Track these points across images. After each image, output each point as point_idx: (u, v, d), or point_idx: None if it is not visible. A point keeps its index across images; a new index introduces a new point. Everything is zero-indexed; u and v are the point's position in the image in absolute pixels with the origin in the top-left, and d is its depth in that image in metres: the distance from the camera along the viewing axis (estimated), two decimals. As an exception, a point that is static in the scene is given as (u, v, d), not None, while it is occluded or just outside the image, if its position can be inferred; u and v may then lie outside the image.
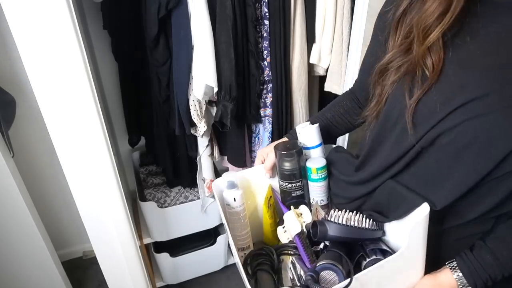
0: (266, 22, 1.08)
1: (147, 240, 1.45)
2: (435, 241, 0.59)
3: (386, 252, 0.61)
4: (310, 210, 0.72)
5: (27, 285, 1.29)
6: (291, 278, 0.68)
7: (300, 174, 0.73)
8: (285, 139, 0.81)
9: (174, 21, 1.00)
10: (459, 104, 0.50)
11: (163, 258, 1.46)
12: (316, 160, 0.73)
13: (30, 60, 0.72)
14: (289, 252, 0.70)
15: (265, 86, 1.18)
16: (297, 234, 0.66)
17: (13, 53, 1.25)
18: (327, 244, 0.65)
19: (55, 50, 0.72)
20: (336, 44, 1.18)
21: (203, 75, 1.01)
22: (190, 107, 1.09)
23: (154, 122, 1.26)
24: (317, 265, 0.58)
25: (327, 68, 1.23)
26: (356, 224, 0.61)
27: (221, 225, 1.56)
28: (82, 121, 0.80)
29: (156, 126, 1.26)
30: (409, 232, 0.53)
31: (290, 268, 0.69)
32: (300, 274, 0.65)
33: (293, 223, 0.68)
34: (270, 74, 1.15)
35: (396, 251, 0.56)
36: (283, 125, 1.24)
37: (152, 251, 1.48)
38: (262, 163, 0.79)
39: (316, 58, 1.20)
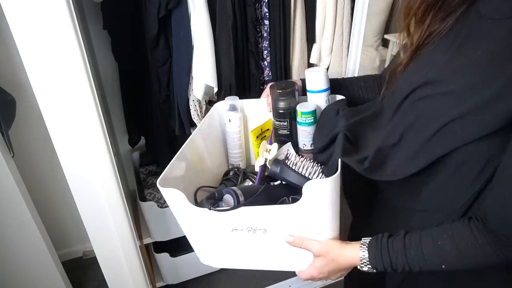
0: (266, 22, 1.08)
1: (147, 240, 1.45)
2: (397, 223, 0.61)
3: None
4: (297, 152, 0.76)
5: (27, 285, 1.29)
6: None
7: (290, 114, 0.75)
8: (298, 80, 0.83)
9: (174, 21, 1.00)
10: (418, 84, 0.53)
11: (163, 258, 1.46)
12: (307, 105, 0.74)
13: (30, 60, 0.72)
14: (251, 178, 0.77)
15: (265, 86, 1.18)
16: (260, 166, 0.72)
17: (13, 53, 1.25)
18: (283, 182, 0.69)
19: (55, 50, 0.72)
20: (336, 44, 1.18)
21: (203, 75, 1.01)
22: (190, 107, 1.09)
23: (154, 122, 1.26)
24: (226, 189, 0.64)
25: (327, 68, 1.23)
26: (305, 173, 0.65)
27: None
28: (82, 121, 0.80)
29: (156, 126, 1.26)
30: (308, 187, 0.54)
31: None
32: None
33: (260, 156, 0.73)
34: (270, 74, 1.15)
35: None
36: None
37: (152, 251, 1.48)
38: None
39: (316, 58, 1.20)
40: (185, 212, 0.62)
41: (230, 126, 0.84)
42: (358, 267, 0.58)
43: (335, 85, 0.79)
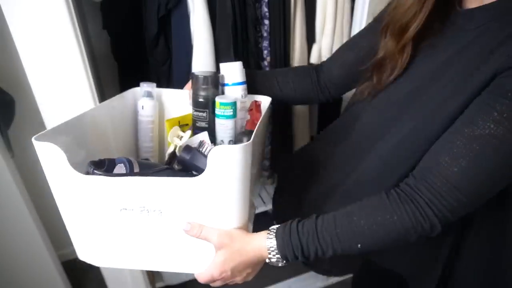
0: (266, 22, 1.08)
1: (147, 240, 1.44)
2: None
3: None
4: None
5: (27, 285, 1.29)
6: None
7: (210, 105, 0.68)
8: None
9: (174, 20, 0.99)
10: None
11: (163, 258, 1.46)
12: (226, 97, 0.68)
13: (29, 60, 0.72)
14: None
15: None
16: (168, 153, 0.67)
17: (12, 53, 1.25)
18: (194, 173, 0.61)
19: (54, 50, 0.72)
20: (336, 44, 1.18)
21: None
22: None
23: (154, 122, 1.26)
24: (119, 158, 0.57)
25: (327, 68, 1.23)
26: None
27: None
28: (81, 121, 0.80)
29: (156, 126, 1.26)
30: (214, 152, 0.46)
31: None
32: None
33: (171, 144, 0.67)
34: (270, 74, 1.15)
35: None
36: (283, 125, 1.24)
37: (152, 251, 1.48)
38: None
39: (316, 58, 1.20)
40: (62, 180, 0.51)
41: (142, 114, 0.75)
42: (267, 260, 0.53)
43: (249, 80, 0.73)
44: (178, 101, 0.78)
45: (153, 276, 1.54)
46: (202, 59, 1.00)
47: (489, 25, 0.49)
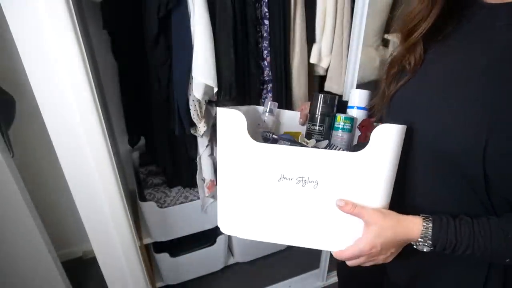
0: (266, 22, 1.08)
1: (147, 240, 1.45)
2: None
3: None
4: None
5: (27, 285, 1.29)
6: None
7: (326, 121, 0.75)
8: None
9: (174, 20, 0.99)
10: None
11: (163, 258, 1.46)
12: (347, 114, 0.75)
13: (30, 60, 0.72)
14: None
15: (265, 86, 1.18)
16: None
17: (13, 53, 1.25)
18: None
19: (55, 50, 0.72)
20: (336, 44, 1.18)
21: (203, 75, 1.01)
22: (190, 107, 1.09)
23: (154, 122, 1.26)
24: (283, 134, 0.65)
25: (327, 68, 1.23)
26: None
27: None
28: (81, 121, 0.80)
29: (156, 126, 1.26)
30: (377, 131, 0.51)
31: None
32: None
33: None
34: (270, 74, 1.15)
35: None
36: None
37: (152, 251, 1.48)
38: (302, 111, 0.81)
39: (316, 58, 1.20)
40: (237, 146, 0.56)
41: (262, 127, 0.79)
42: (414, 243, 0.53)
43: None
44: (289, 120, 0.84)
45: (153, 276, 1.54)
46: (202, 59, 1.00)
47: None
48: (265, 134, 0.67)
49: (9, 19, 0.67)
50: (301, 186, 0.56)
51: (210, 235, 1.56)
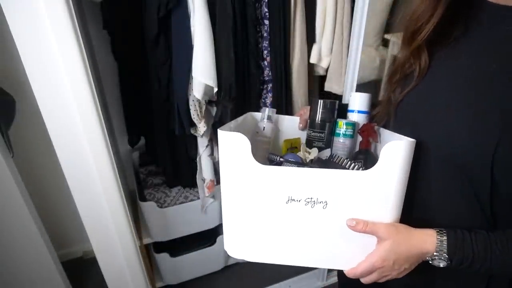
0: (266, 22, 1.08)
1: (147, 240, 1.45)
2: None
3: None
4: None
5: (27, 285, 1.29)
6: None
7: (327, 127, 0.74)
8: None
9: (174, 20, 0.99)
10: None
11: (163, 258, 1.46)
12: (349, 120, 0.73)
13: (30, 60, 0.72)
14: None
15: (265, 86, 1.18)
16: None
17: (13, 53, 1.25)
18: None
19: (55, 50, 0.72)
20: (336, 44, 1.18)
21: (203, 75, 1.01)
22: (190, 107, 1.09)
23: (154, 122, 1.26)
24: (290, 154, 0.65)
25: (327, 68, 1.23)
26: (352, 169, 0.59)
27: (221, 225, 1.56)
28: (81, 121, 0.80)
29: (156, 126, 1.26)
30: (387, 148, 0.50)
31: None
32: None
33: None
34: (270, 74, 1.15)
35: None
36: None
37: (152, 251, 1.48)
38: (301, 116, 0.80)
39: (316, 58, 1.20)
40: (241, 169, 0.55)
41: (261, 135, 0.77)
42: (429, 259, 0.52)
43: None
44: (288, 126, 0.82)
45: (153, 276, 1.54)
46: (202, 59, 1.00)
47: None
48: (271, 157, 0.66)
49: (9, 19, 0.67)
50: (310, 207, 0.55)
51: (210, 235, 1.56)
